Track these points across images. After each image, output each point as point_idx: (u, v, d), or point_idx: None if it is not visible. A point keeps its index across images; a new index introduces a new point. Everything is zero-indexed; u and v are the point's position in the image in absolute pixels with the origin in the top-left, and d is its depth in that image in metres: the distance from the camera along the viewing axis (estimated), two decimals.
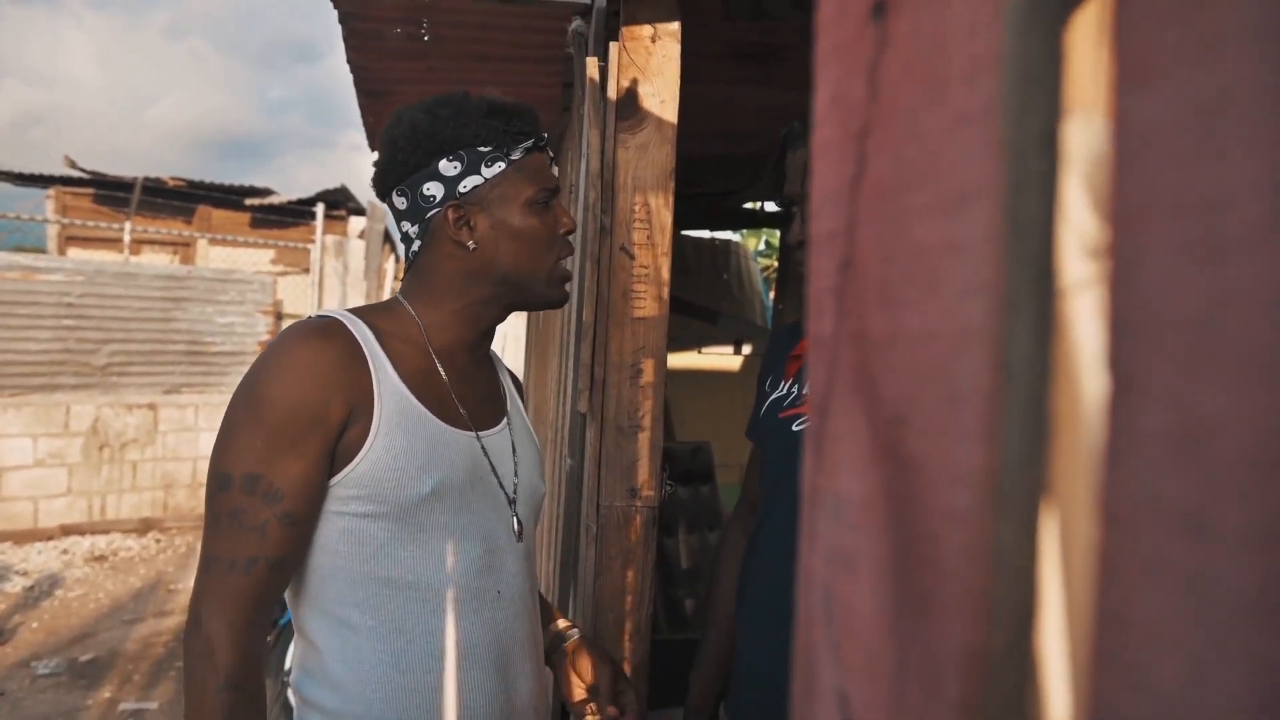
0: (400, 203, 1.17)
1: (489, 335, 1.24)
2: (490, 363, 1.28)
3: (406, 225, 1.18)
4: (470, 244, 1.14)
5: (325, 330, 1.08)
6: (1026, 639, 0.23)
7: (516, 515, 1.20)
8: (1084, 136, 0.23)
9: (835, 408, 0.31)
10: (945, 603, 0.24)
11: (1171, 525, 0.18)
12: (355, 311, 1.15)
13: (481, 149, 1.14)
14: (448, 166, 1.13)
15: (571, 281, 1.25)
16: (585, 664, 1.30)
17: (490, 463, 1.18)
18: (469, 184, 1.14)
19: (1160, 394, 0.18)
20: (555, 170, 1.24)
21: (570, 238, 1.22)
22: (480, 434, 1.17)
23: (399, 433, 1.08)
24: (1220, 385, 0.17)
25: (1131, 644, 0.19)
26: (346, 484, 1.06)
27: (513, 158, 1.15)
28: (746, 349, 4.48)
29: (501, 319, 1.23)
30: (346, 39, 2.16)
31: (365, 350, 1.09)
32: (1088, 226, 0.24)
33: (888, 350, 0.28)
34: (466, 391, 1.18)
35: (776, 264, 5.78)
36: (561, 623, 1.34)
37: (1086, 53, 0.23)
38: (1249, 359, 0.16)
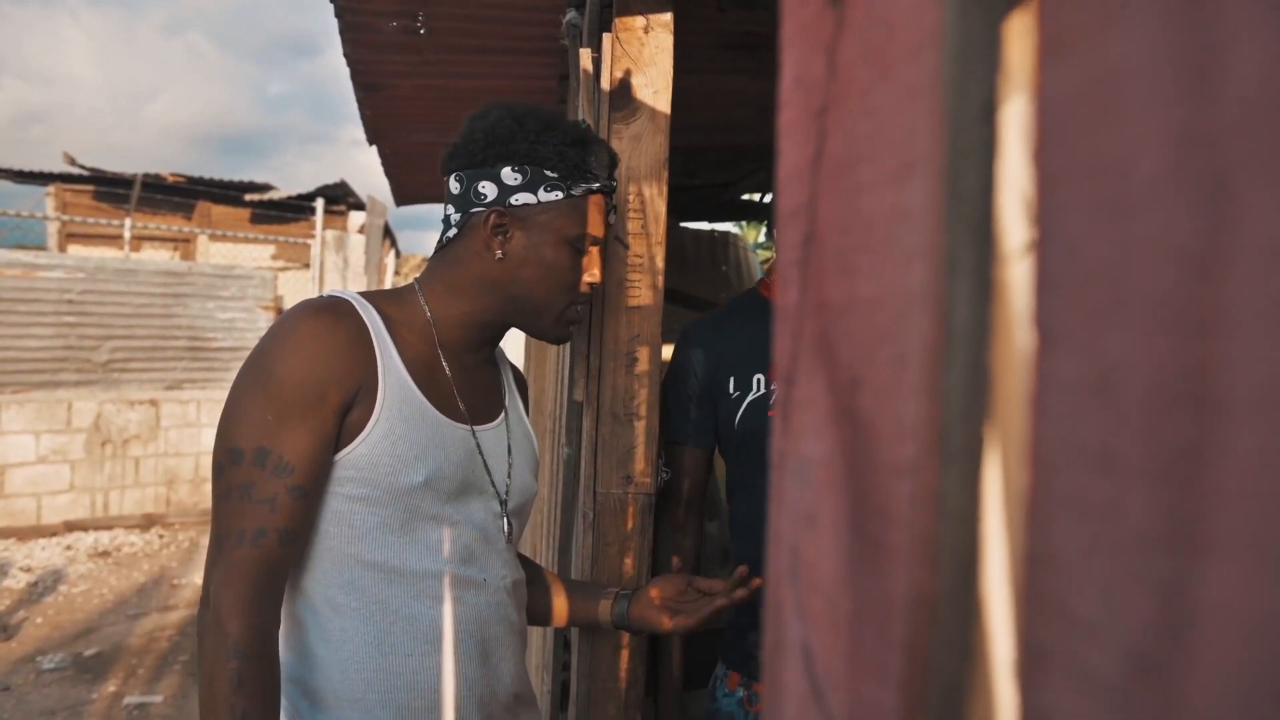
0: (455, 187, 1.18)
1: (494, 339, 1.25)
2: (494, 360, 1.29)
3: (451, 210, 1.19)
4: (499, 254, 1.16)
5: (335, 309, 1.10)
6: (970, 582, 0.24)
7: (505, 511, 1.21)
8: (1024, 109, 0.25)
9: (800, 375, 0.33)
10: (895, 551, 0.25)
11: (1086, 464, 0.19)
12: (365, 295, 1.16)
13: (548, 173, 1.15)
14: (510, 175, 1.15)
15: (577, 325, 1.27)
16: (654, 595, 1.32)
17: (483, 458, 1.19)
18: (521, 199, 1.15)
19: (1076, 344, 0.20)
20: (613, 219, 1.26)
21: (593, 287, 1.23)
22: (476, 429, 1.19)
23: (399, 420, 1.09)
24: (1126, 332, 0.18)
25: (1054, 579, 0.20)
26: (344, 465, 1.08)
27: (572, 193, 1.16)
28: None
29: (503, 332, 1.25)
30: (343, 33, 2.17)
31: (373, 334, 1.10)
32: (1029, 195, 0.25)
33: (845, 316, 0.29)
34: (467, 386, 1.20)
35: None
36: (603, 603, 1.35)
37: (1024, 30, 0.24)
38: (1151, 307, 0.18)
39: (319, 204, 8.99)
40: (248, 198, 9.62)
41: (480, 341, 1.22)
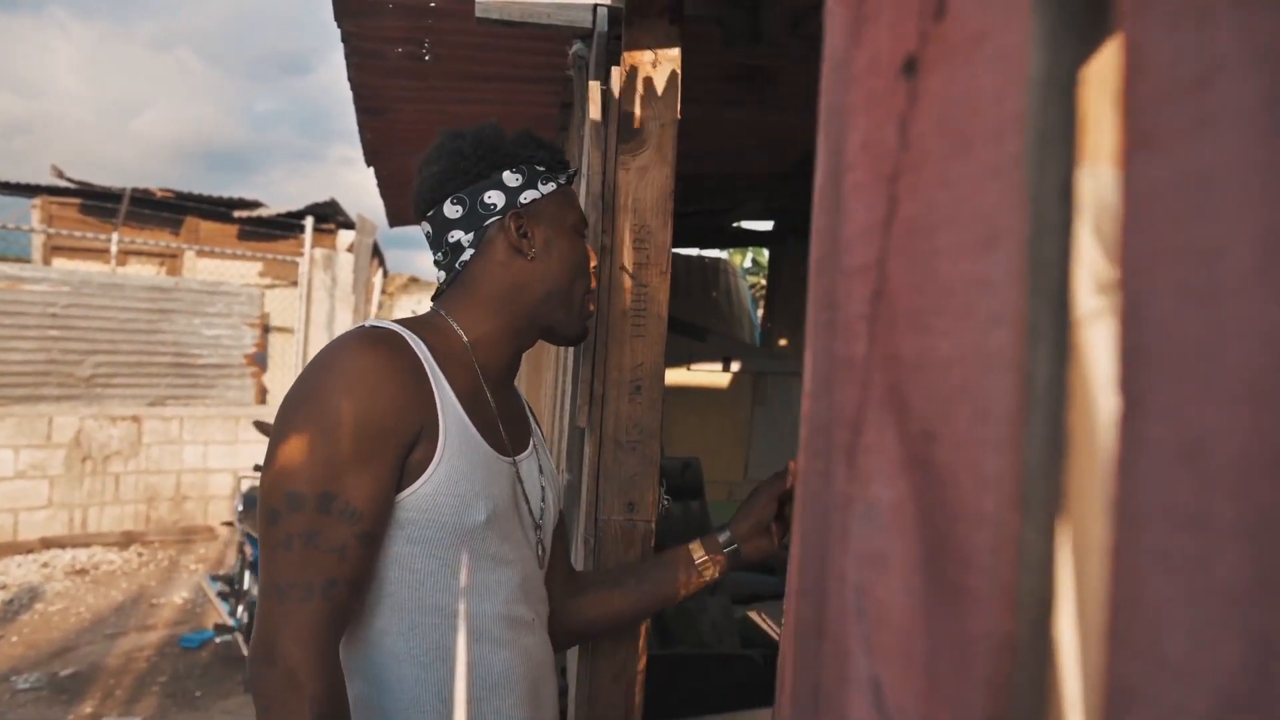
0: (454, 211, 1.17)
1: (520, 358, 1.24)
2: (514, 386, 1.28)
3: (458, 234, 1.16)
4: (530, 253, 1.16)
5: (390, 342, 1.05)
6: (1047, 624, 0.26)
7: (541, 541, 1.20)
8: (1094, 188, 0.27)
9: (868, 423, 0.35)
10: (975, 594, 0.27)
11: (1175, 521, 0.21)
12: (404, 324, 1.12)
13: (538, 167, 1.18)
14: (510, 178, 1.17)
15: (591, 319, 1.29)
16: (752, 534, 1.30)
17: (523, 489, 1.17)
18: (529, 196, 1.17)
19: (1164, 411, 0.22)
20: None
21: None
22: (515, 459, 1.17)
23: (460, 458, 1.06)
24: (1216, 404, 0.20)
25: (1142, 624, 0.22)
26: (405, 506, 1.03)
27: (560, 181, 1.20)
28: (735, 366, 4.52)
29: (533, 343, 1.24)
30: (348, 57, 2.20)
31: (427, 368, 1.07)
32: (1098, 265, 0.27)
33: (918, 372, 0.31)
34: (505, 415, 1.18)
35: (765, 282, 5.84)
36: (707, 574, 1.32)
37: (1096, 115, 0.27)
38: (1240, 382, 0.20)
39: (308, 222, 8.99)
40: (236, 214, 9.61)
41: (512, 360, 1.21)
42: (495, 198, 1.16)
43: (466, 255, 1.17)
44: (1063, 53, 0.25)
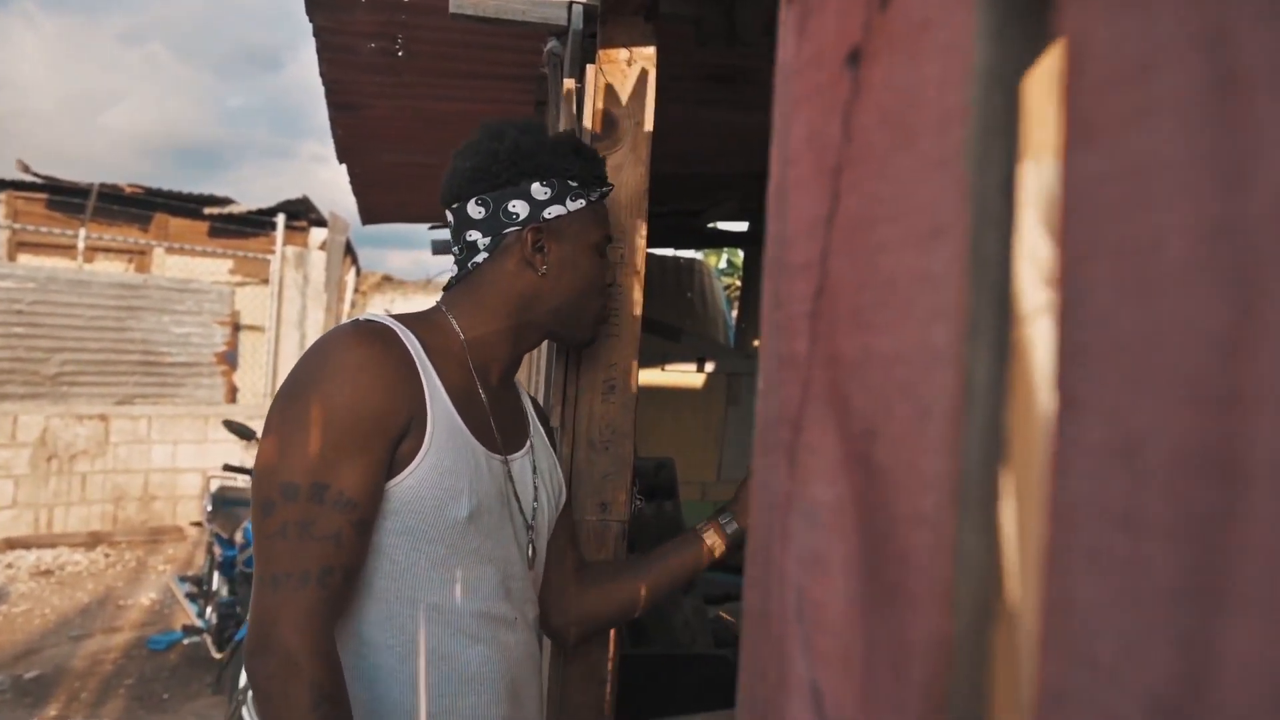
0: (477, 211, 1.17)
1: (520, 359, 1.25)
2: (515, 385, 1.29)
3: (476, 235, 1.17)
4: (542, 269, 1.16)
5: (382, 335, 1.06)
6: (986, 626, 0.25)
7: (533, 541, 1.20)
8: (1039, 182, 0.26)
9: (809, 422, 0.34)
10: (913, 596, 0.27)
11: (1108, 521, 0.21)
12: (399, 319, 1.13)
13: (570, 183, 1.17)
14: (539, 190, 1.16)
15: (605, 323, 1.31)
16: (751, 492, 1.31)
17: (514, 488, 1.17)
18: (554, 212, 1.17)
19: (1100, 410, 0.21)
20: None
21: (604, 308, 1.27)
22: (508, 458, 1.17)
23: (446, 452, 1.07)
24: (1151, 403, 0.20)
25: (1075, 627, 0.22)
26: (390, 497, 1.04)
27: (591, 199, 1.20)
28: (709, 366, 4.52)
29: (537, 345, 1.26)
30: (320, 52, 2.17)
31: (417, 362, 1.08)
32: (1044, 261, 0.27)
33: (859, 370, 0.31)
34: (499, 414, 1.18)
35: (739, 283, 5.85)
36: (707, 541, 1.32)
37: (1040, 107, 0.26)
38: (1176, 380, 0.19)
39: (280, 219, 8.90)
40: (207, 211, 9.50)
41: (510, 362, 1.22)
42: (519, 208, 1.16)
43: (480, 257, 1.18)
44: (1007, 43, 0.25)
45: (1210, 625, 0.18)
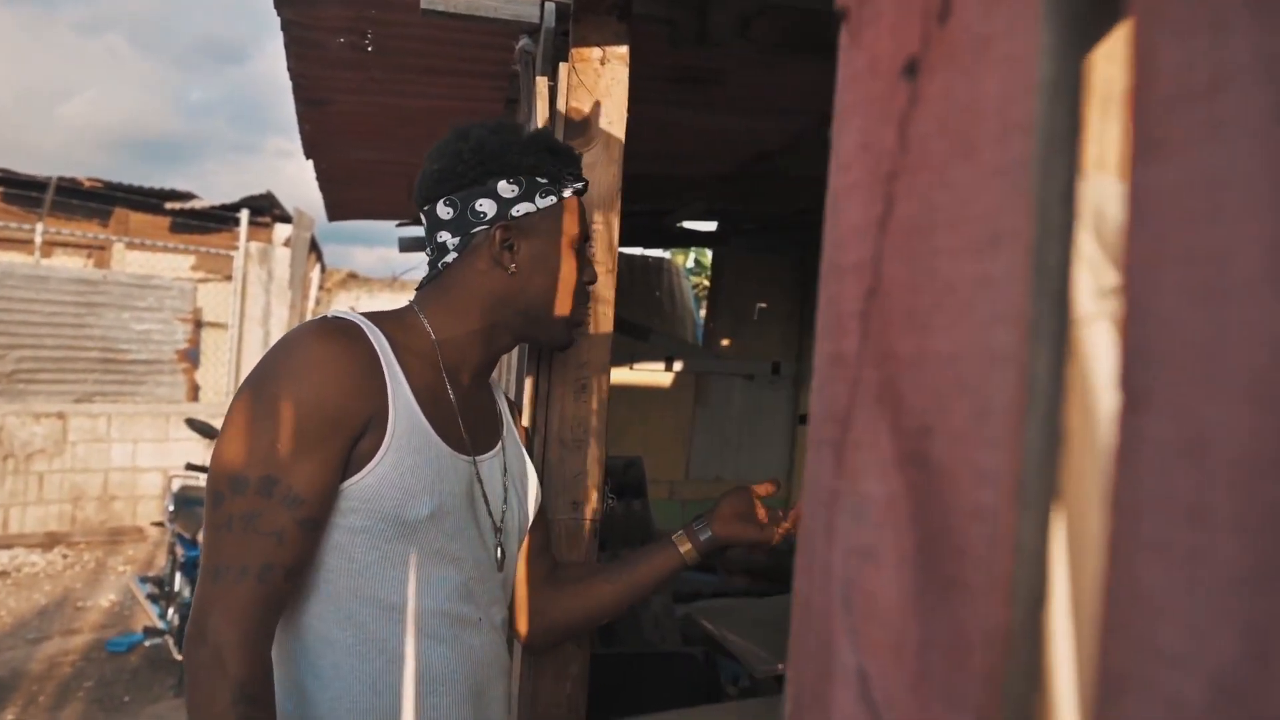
0: (445, 212, 1.17)
1: (495, 361, 1.25)
2: (489, 387, 1.28)
3: (445, 235, 1.18)
4: (511, 267, 1.16)
5: (347, 331, 1.06)
6: (1041, 616, 0.27)
7: (501, 544, 1.19)
8: (1094, 195, 0.28)
9: (858, 419, 0.35)
10: (971, 587, 0.28)
11: (1174, 514, 0.22)
12: (370, 317, 1.13)
13: (539, 180, 1.17)
14: (506, 189, 1.16)
15: (582, 326, 1.30)
16: (730, 511, 1.32)
17: (482, 489, 1.17)
18: (522, 209, 1.16)
19: (1166, 408, 0.23)
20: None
21: (590, 288, 1.26)
22: (476, 459, 1.17)
23: (408, 451, 1.06)
24: (1218, 403, 0.21)
25: (1139, 614, 0.23)
26: (348, 495, 1.04)
27: (563, 195, 1.19)
28: (677, 365, 4.54)
29: (511, 348, 1.24)
30: (288, 46, 2.15)
31: (382, 359, 1.08)
32: (1099, 269, 0.28)
33: (914, 369, 0.32)
34: (469, 414, 1.18)
35: (707, 282, 5.87)
36: (676, 548, 1.32)
37: (1099, 123, 0.27)
38: (1242, 382, 0.21)
39: (244, 215, 8.79)
40: (169, 206, 9.35)
41: (483, 364, 1.22)
42: (487, 206, 1.16)
43: (450, 257, 1.18)
44: (1070, 59, 0.26)
45: (1275, 612, 0.19)
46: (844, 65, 0.37)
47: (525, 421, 1.44)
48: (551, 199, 1.18)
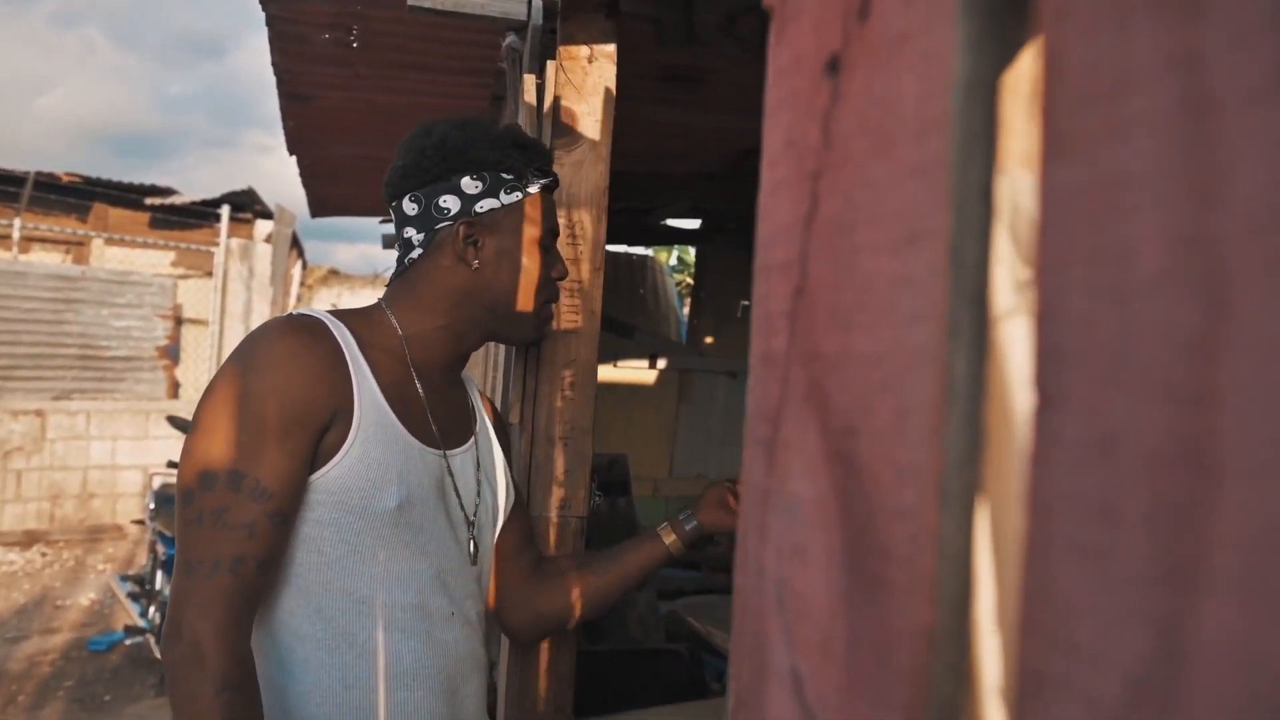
0: (411, 209, 1.18)
1: (465, 357, 1.25)
2: (462, 382, 1.29)
3: (411, 231, 1.18)
4: (474, 263, 1.16)
5: (311, 328, 1.08)
6: (965, 614, 0.27)
7: (474, 537, 1.20)
8: (1009, 191, 0.28)
9: (787, 418, 0.35)
10: (895, 586, 0.28)
11: (1086, 513, 0.22)
12: (336, 314, 1.14)
13: (504, 175, 1.17)
14: (470, 185, 1.16)
15: (550, 322, 1.30)
16: (714, 498, 1.34)
17: (454, 483, 1.18)
18: (486, 205, 1.16)
19: (1078, 407, 0.23)
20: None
21: (565, 303, 1.27)
22: (448, 452, 1.18)
23: (374, 444, 1.07)
24: (1127, 400, 0.21)
25: (1055, 613, 0.23)
26: (316, 488, 1.05)
27: (529, 191, 1.19)
28: (661, 363, 4.54)
29: (480, 344, 1.25)
30: (272, 41, 2.14)
31: (347, 355, 1.09)
32: (1014, 265, 0.28)
33: (839, 368, 0.32)
34: (439, 409, 1.19)
35: (690, 280, 5.87)
36: (663, 539, 1.33)
37: (1014, 120, 0.27)
38: (1150, 380, 0.21)
39: (224, 211, 8.73)
40: (148, 201, 9.27)
41: (452, 360, 1.22)
42: (450, 202, 1.16)
43: (415, 254, 1.19)
44: (985, 57, 0.26)
45: (1185, 608, 0.19)
46: (771, 61, 0.37)
47: (514, 419, 1.44)
48: (516, 195, 1.18)
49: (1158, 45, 0.21)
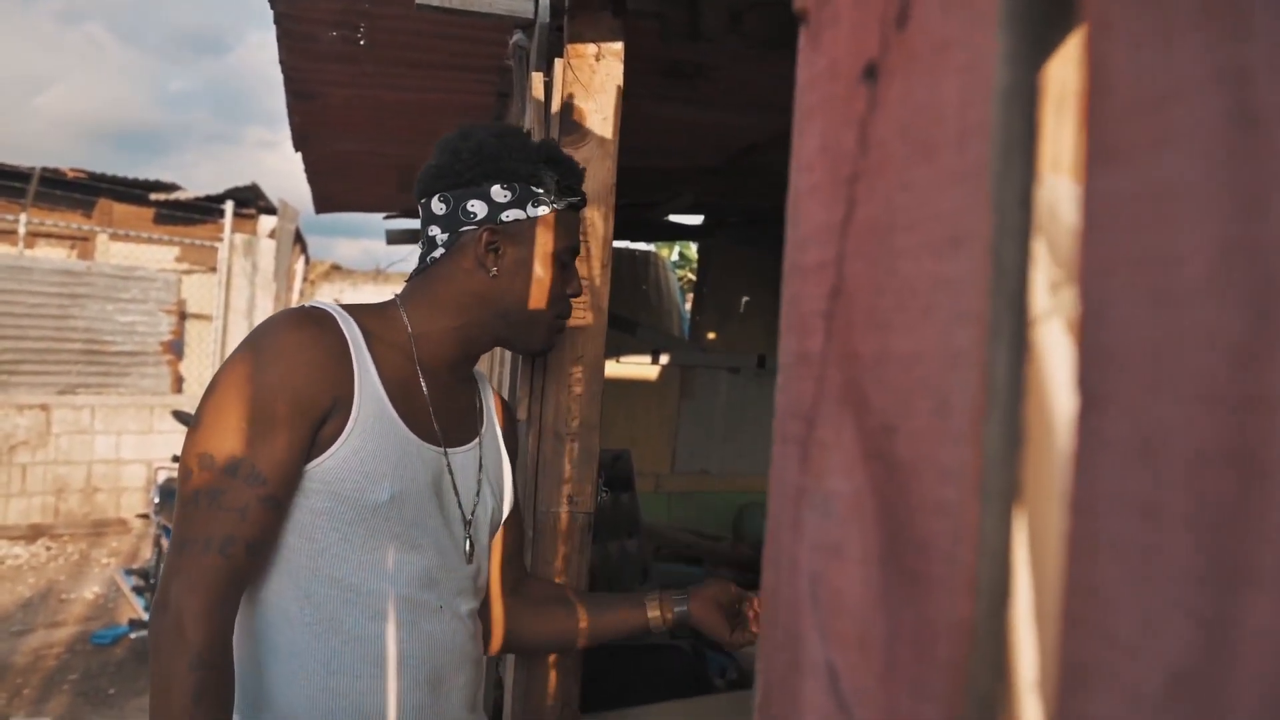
0: (439, 208, 1.20)
1: (474, 358, 1.27)
2: (472, 381, 1.30)
3: (435, 230, 1.20)
4: (493, 270, 1.18)
5: (317, 320, 1.10)
6: (1004, 608, 0.27)
7: (470, 536, 1.21)
8: (1046, 197, 0.28)
9: (822, 417, 0.36)
10: (935, 581, 0.29)
11: (1129, 511, 0.23)
12: (347, 309, 1.17)
13: (534, 189, 1.19)
14: (499, 193, 1.18)
15: (561, 335, 1.31)
16: (711, 596, 1.34)
17: (453, 480, 1.19)
18: (512, 215, 1.18)
19: (1121, 409, 0.23)
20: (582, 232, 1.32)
21: (572, 299, 1.28)
22: (449, 450, 1.19)
23: (370, 437, 1.10)
24: (1171, 403, 0.22)
25: (1096, 607, 0.24)
26: (312, 477, 1.08)
27: (556, 207, 1.21)
28: (664, 359, 4.54)
29: (489, 348, 1.26)
30: (280, 39, 2.15)
31: (351, 348, 1.11)
32: (1050, 269, 0.29)
33: (877, 368, 0.32)
34: (443, 407, 1.20)
35: (692, 275, 5.87)
36: (651, 609, 1.34)
37: (1053, 127, 0.28)
38: (1194, 383, 0.21)
39: (228, 206, 8.73)
40: (153, 197, 9.28)
41: (460, 360, 1.23)
42: (478, 208, 1.18)
43: (438, 253, 1.21)
44: (1026, 65, 0.27)
45: (1229, 603, 0.20)
46: (803, 67, 0.37)
47: (522, 415, 1.45)
48: (543, 209, 1.20)
49: (1204, 59, 0.21)
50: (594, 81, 1.45)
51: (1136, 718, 0.22)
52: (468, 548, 1.20)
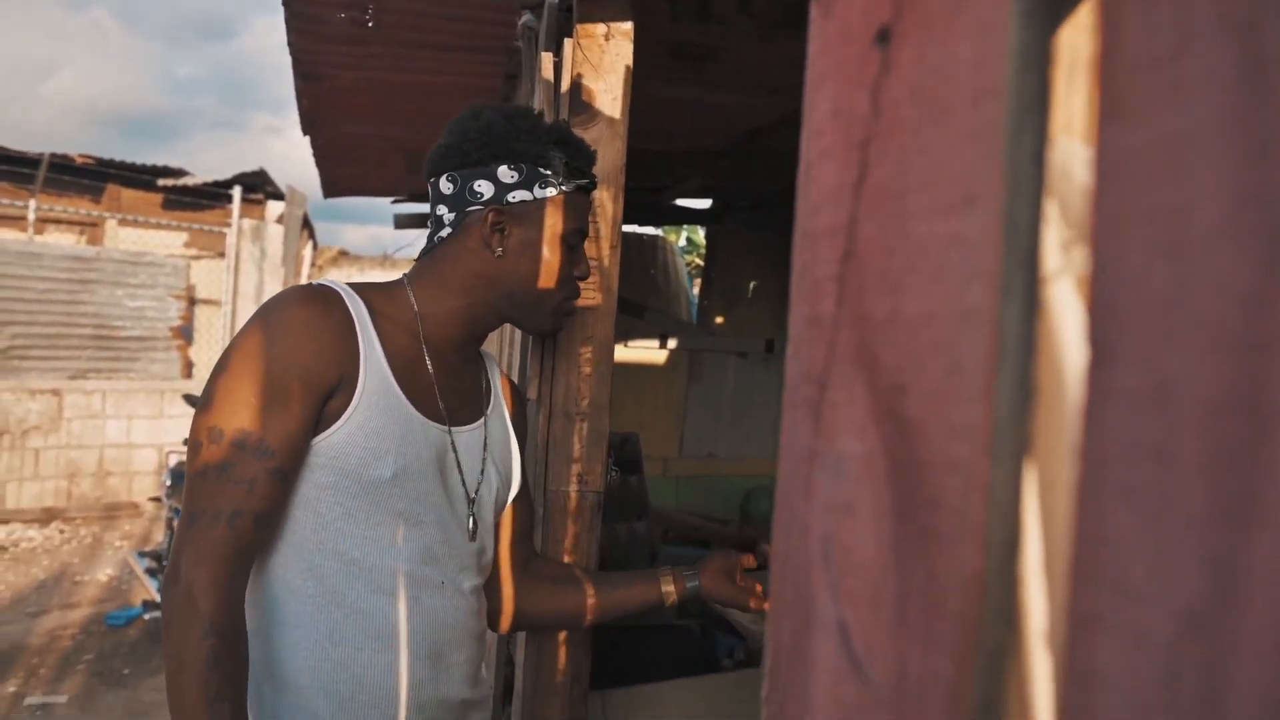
0: (447, 187, 1.21)
1: (480, 338, 1.27)
2: (479, 360, 1.31)
3: (443, 210, 1.21)
4: (499, 250, 1.19)
5: (324, 297, 1.12)
6: (1014, 560, 0.28)
7: (473, 514, 1.22)
8: (1061, 157, 0.28)
9: (835, 380, 0.36)
10: (946, 536, 0.29)
11: (1140, 458, 0.23)
12: (354, 287, 1.18)
13: (542, 170, 1.19)
14: (506, 173, 1.18)
15: (569, 317, 1.32)
16: (720, 567, 1.36)
17: (457, 459, 1.21)
18: (518, 196, 1.19)
19: (1133, 358, 0.24)
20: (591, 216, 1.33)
21: (580, 282, 1.28)
22: (453, 429, 1.20)
23: (375, 413, 1.11)
24: (1182, 352, 0.22)
25: (1106, 555, 0.24)
26: (317, 451, 1.09)
27: (564, 189, 1.21)
28: (672, 343, 4.55)
29: (495, 328, 1.27)
30: (289, 21, 2.15)
31: (357, 325, 1.13)
32: (1061, 227, 0.29)
33: (889, 329, 0.33)
34: (448, 385, 1.21)
35: (700, 260, 5.87)
36: (665, 584, 1.36)
37: (1067, 87, 0.28)
38: (1205, 331, 0.22)
39: (236, 192, 8.74)
40: (161, 183, 9.29)
41: (466, 339, 1.24)
42: (485, 188, 1.19)
43: (445, 232, 1.22)
44: (1040, 27, 0.27)
45: (1238, 545, 0.21)
46: (815, 34, 0.37)
47: (532, 395, 1.45)
48: (550, 190, 1.20)
49: (1215, 10, 0.22)
50: (603, 61, 1.44)
51: (1146, 663, 0.23)
52: (471, 525, 1.22)
